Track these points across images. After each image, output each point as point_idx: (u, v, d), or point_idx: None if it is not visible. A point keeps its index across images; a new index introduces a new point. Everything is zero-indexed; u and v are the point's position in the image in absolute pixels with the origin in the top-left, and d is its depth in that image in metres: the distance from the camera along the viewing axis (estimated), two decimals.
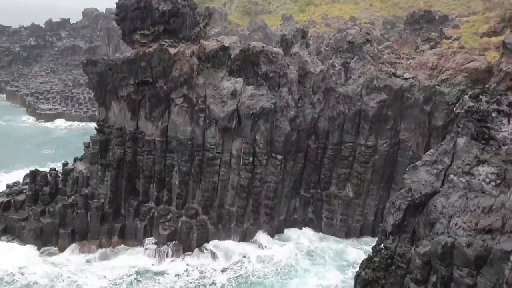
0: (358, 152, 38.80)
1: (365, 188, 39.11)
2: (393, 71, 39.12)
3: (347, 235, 39.79)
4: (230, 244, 37.43)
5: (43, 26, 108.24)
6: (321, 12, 76.52)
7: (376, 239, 25.47)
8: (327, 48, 46.70)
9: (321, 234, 40.10)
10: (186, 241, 36.85)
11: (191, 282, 33.46)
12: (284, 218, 39.25)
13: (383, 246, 23.85)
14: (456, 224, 20.95)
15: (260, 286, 33.34)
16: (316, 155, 39.38)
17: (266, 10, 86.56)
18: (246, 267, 35.40)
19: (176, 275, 34.21)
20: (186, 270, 34.86)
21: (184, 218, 37.68)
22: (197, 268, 35.10)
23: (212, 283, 33.48)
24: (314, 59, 41.46)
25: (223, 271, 34.94)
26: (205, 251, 36.66)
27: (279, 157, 37.16)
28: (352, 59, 40.47)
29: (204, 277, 34.08)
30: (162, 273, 34.36)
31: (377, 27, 63.21)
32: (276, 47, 40.27)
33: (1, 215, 36.64)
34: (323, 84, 39.56)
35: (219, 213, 37.81)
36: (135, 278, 33.59)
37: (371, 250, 25.10)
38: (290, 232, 39.75)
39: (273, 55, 37.55)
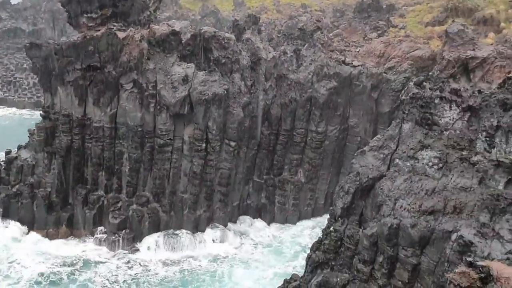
0: (309, 138, 39.51)
1: (316, 173, 39.97)
2: (343, 58, 39.94)
3: (299, 219, 40.61)
4: (182, 235, 36.96)
5: None
6: None
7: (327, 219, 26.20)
8: (278, 35, 46.94)
9: (274, 224, 40.38)
10: (137, 230, 36.35)
11: (132, 276, 32.83)
12: (237, 204, 39.44)
13: (333, 228, 24.54)
14: (401, 206, 21.84)
15: (208, 282, 32.71)
16: (269, 141, 39.74)
17: None
18: (192, 262, 34.82)
19: (117, 267, 33.59)
20: (128, 262, 34.18)
21: (135, 206, 37.08)
22: (140, 262, 34.35)
23: (155, 274, 33.00)
24: (266, 45, 41.57)
25: (169, 265, 34.25)
26: (155, 242, 36.10)
27: (233, 143, 37.17)
28: (303, 46, 40.93)
29: (148, 270, 33.56)
30: (105, 264, 33.73)
31: (327, 15, 64.01)
32: (228, 33, 40.01)
33: None
34: (275, 70, 39.80)
35: (171, 201, 37.47)
36: (75, 269, 32.90)
37: (321, 233, 25.78)
38: (243, 223, 39.71)
39: (225, 41, 37.31)
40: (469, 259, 15.11)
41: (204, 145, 36.70)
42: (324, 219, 36.04)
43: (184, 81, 36.17)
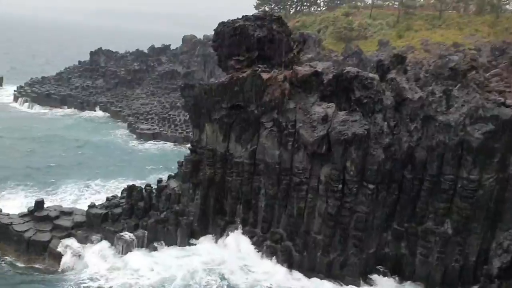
0: (459, 185, 35.66)
1: (466, 225, 35.75)
2: (502, 100, 35.89)
3: (445, 274, 36.39)
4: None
5: (146, 51, 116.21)
6: (420, 37, 73.53)
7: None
8: (426, 75, 44.19)
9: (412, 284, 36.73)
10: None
11: None
12: (374, 252, 37.06)
13: None
14: None
15: None
16: (412, 186, 36.89)
17: (362, 36, 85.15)
18: None
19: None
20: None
21: (269, 243, 37.27)
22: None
23: None
24: (412, 85, 39.39)
25: None
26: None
27: (371, 186, 35.41)
28: (455, 86, 37.85)
29: None
30: None
31: (484, 54, 59.05)
32: (371, 73, 39.01)
33: (99, 226, 38.79)
34: (421, 111, 37.33)
35: (304, 240, 36.80)
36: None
37: None
38: (376, 275, 36.85)
39: (368, 81, 36.36)
40: None
41: (340, 186, 35.64)
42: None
43: (323, 120, 35.96)
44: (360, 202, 35.78)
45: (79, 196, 49.66)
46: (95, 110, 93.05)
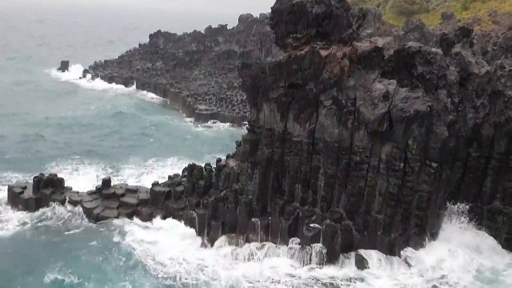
0: None
1: None
2: None
3: None
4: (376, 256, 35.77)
5: (203, 32, 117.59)
6: (488, 8, 69.11)
7: None
8: (495, 48, 41.91)
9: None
10: (330, 245, 36.36)
11: None
12: (437, 232, 36.23)
13: None
14: None
15: None
16: (478, 164, 35.50)
17: (424, 9, 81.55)
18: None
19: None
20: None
21: (328, 221, 37.26)
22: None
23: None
24: (479, 59, 37.52)
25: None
26: (350, 261, 35.73)
27: (434, 164, 34.37)
28: None
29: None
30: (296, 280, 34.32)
31: None
32: (434, 47, 37.43)
33: (162, 203, 40.46)
34: (488, 86, 35.59)
35: (365, 220, 36.49)
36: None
37: None
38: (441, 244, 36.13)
39: (431, 56, 34.93)
40: None
41: (402, 164, 34.85)
42: None
43: (384, 97, 35.06)
44: (423, 181, 34.88)
45: (140, 174, 52.11)
46: (154, 92, 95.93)
